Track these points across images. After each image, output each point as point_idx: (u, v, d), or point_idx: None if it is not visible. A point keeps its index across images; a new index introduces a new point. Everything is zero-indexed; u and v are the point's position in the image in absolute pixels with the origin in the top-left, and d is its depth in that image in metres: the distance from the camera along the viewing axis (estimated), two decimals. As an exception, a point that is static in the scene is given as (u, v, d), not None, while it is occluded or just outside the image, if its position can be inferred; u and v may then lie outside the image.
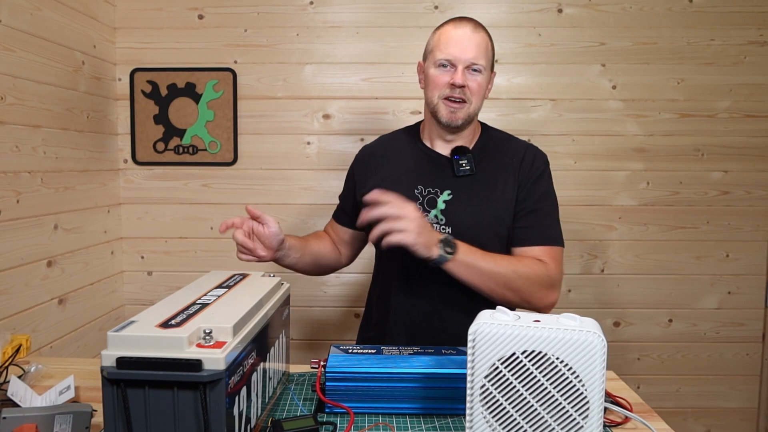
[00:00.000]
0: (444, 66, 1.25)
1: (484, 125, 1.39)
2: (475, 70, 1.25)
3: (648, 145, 2.14)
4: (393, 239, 1.08)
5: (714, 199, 2.16)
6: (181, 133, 2.13)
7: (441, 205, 1.27)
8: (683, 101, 2.12)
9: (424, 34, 2.10)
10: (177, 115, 2.13)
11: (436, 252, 1.12)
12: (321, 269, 1.46)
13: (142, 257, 2.17)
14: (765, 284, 2.19)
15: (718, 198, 2.16)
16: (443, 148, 1.33)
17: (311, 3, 2.11)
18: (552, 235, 1.28)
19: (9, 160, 1.54)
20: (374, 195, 1.11)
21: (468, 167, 1.28)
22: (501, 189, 1.28)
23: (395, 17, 2.10)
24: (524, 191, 1.27)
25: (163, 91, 2.12)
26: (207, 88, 2.11)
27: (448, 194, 1.28)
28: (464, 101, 1.25)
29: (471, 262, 1.16)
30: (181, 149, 2.13)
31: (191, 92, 2.12)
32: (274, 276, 1.11)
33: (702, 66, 2.11)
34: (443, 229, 1.27)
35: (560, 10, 2.10)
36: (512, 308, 1.15)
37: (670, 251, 2.17)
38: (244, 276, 1.08)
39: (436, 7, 2.09)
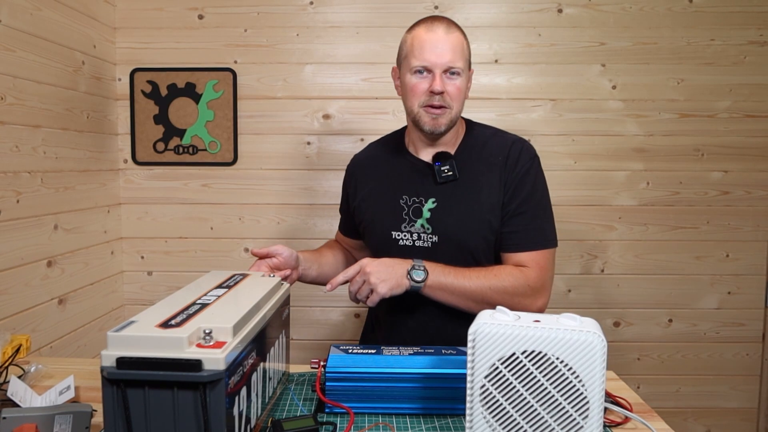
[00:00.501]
0: (420, 72, 1.22)
1: (468, 123, 1.35)
2: (453, 74, 1.21)
3: (648, 145, 2.14)
4: (370, 301, 1.16)
5: (714, 199, 2.16)
6: (181, 133, 2.13)
7: (426, 214, 1.26)
8: (683, 101, 2.12)
9: (424, 34, 2.10)
10: (177, 115, 2.13)
11: (406, 285, 1.16)
12: None
13: (142, 257, 2.17)
14: (765, 284, 2.19)
15: (718, 198, 2.16)
16: (427, 154, 1.30)
17: (311, 3, 2.11)
18: (537, 239, 1.24)
19: (9, 160, 1.54)
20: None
21: (450, 173, 1.25)
22: (487, 191, 1.25)
23: (395, 17, 2.10)
24: (509, 193, 1.24)
25: (163, 91, 2.12)
26: (207, 88, 2.11)
27: (433, 202, 1.26)
28: (445, 107, 1.22)
29: (444, 284, 1.18)
30: (181, 149, 2.13)
31: (191, 92, 2.12)
32: (274, 276, 1.11)
33: (702, 66, 2.11)
34: (430, 237, 1.26)
35: (560, 10, 2.10)
36: None
37: (670, 251, 2.17)
38: (244, 276, 1.08)
39: (436, 7, 2.09)
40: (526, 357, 0.78)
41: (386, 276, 1.15)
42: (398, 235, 1.29)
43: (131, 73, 2.12)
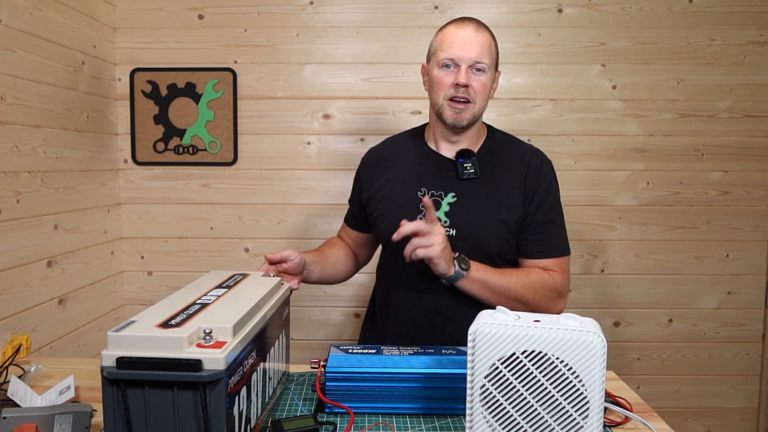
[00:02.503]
0: (448, 66, 1.25)
1: (490, 128, 1.39)
2: (479, 70, 1.24)
3: (648, 145, 2.14)
4: (420, 253, 1.13)
5: (714, 199, 2.16)
6: (181, 133, 2.13)
7: (445, 208, 1.27)
8: (683, 101, 2.12)
9: (424, 34, 2.10)
10: (177, 115, 2.13)
11: (453, 269, 1.17)
12: (343, 276, 1.49)
13: (142, 257, 2.17)
14: (765, 284, 2.19)
15: (718, 198, 2.16)
16: (448, 151, 1.33)
17: (311, 3, 2.11)
18: (561, 246, 1.31)
19: (9, 160, 1.54)
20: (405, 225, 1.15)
21: (472, 170, 1.28)
22: (506, 193, 1.28)
23: (395, 17, 2.10)
24: (535, 202, 1.27)
25: (163, 91, 2.12)
26: (207, 88, 2.11)
27: (453, 197, 1.28)
28: (468, 101, 1.24)
29: (483, 279, 1.21)
30: (181, 149, 2.14)
31: (191, 92, 2.12)
32: (274, 276, 1.11)
33: (702, 66, 2.11)
34: (447, 231, 1.27)
35: (560, 10, 2.10)
36: None
37: (670, 251, 2.17)
38: (244, 276, 1.09)
39: (436, 7, 2.09)
40: (526, 357, 0.78)
41: (446, 247, 1.16)
42: None
43: (131, 73, 2.12)
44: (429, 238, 1.13)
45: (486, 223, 1.26)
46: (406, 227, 1.14)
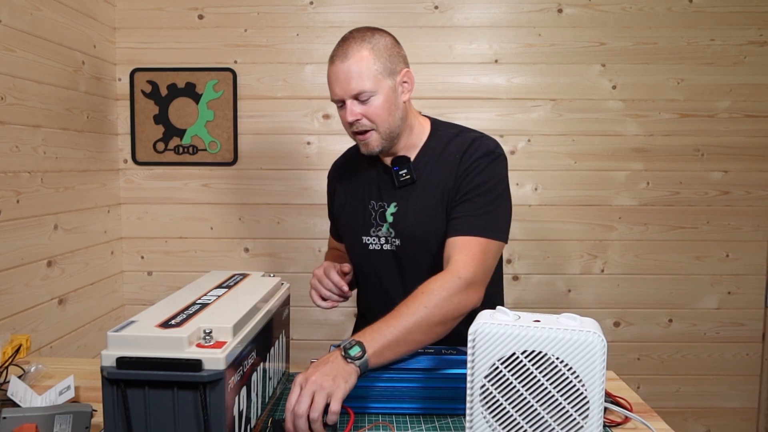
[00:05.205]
0: (339, 105, 1.23)
1: (433, 124, 1.30)
2: (363, 99, 1.18)
3: (648, 145, 2.14)
4: (315, 415, 0.89)
5: (714, 199, 2.16)
6: (181, 133, 2.13)
7: (389, 219, 1.25)
8: (683, 101, 2.12)
9: (424, 34, 2.10)
10: (177, 115, 2.13)
11: (355, 370, 0.95)
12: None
13: (142, 257, 2.17)
14: (765, 284, 2.19)
15: (718, 198, 2.16)
16: (389, 160, 1.29)
17: (311, 3, 2.11)
18: (475, 225, 1.15)
19: (9, 160, 1.54)
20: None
21: (408, 176, 1.23)
22: (441, 189, 1.21)
23: (395, 17, 2.10)
24: (457, 185, 1.19)
25: (163, 91, 2.12)
26: (207, 88, 2.11)
27: (395, 206, 1.25)
28: (368, 130, 1.20)
29: (383, 344, 0.99)
30: (181, 149, 2.13)
31: (191, 92, 2.12)
32: (274, 276, 1.11)
33: (702, 66, 2.11)
34: (393, 241, 1.25)
35: (560, 10, 2.10)
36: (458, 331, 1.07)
37: (670, 251, 2.17)
38: (244, 276, 1.09)
39: (436, 7, 2.09)
40: (526, 357, 0.78)
41: (326, 379, 0.92)
42: (368, 240, 1.29)
43: (131, 73, 2.12)
44: (303, 401, 0.88)
45: (425, 225, 1.22)
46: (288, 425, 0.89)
